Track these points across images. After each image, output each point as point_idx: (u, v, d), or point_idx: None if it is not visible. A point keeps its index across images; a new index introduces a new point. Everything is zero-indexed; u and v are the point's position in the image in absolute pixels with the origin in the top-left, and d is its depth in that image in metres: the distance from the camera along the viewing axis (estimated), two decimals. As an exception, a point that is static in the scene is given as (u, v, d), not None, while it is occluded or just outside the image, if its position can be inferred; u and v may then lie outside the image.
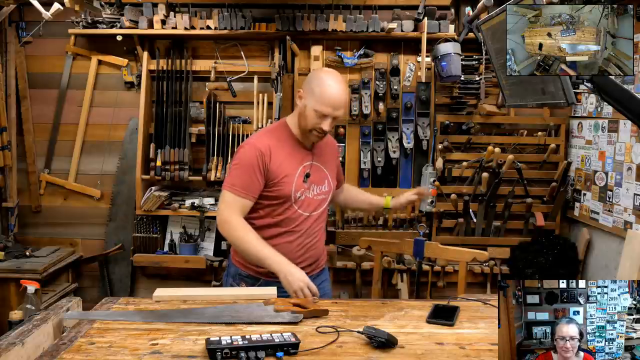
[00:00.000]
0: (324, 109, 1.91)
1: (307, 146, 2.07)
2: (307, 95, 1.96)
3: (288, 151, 2.01)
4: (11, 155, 3.55)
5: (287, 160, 1.99)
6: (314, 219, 2.09)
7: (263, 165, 1.95)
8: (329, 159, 2.17)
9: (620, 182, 2.93)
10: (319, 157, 2.10)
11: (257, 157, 1.94)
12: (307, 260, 2.09)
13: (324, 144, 2.14)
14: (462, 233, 3.51)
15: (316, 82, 1.95)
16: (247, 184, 1.94)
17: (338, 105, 1.93)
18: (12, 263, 3.22)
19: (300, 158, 2.04)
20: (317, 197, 2.08)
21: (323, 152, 2.13)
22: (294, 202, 2.00)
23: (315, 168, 2.08)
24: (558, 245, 3.30)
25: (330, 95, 1.91)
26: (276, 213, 2.01)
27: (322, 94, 1.91)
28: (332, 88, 1.92)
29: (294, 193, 1.99)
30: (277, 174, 1.97)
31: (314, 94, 1.93)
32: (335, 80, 1.95)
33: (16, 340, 1.33)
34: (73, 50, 3.60)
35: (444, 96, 3.54)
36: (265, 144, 1.98)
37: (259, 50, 3.57)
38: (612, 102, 1.41)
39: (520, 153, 3.50)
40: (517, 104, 1.78)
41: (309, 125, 1.96)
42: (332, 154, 2.21)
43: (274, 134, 2.05)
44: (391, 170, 3.58)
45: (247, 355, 1.32)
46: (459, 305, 1.75)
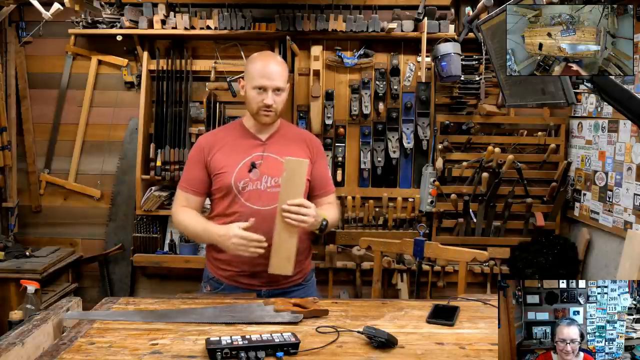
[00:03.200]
0: (260, 81, 1.93)
1: (260, 138, 2.03)
2: (245, 81, 2.00)
3: (234, 143, 2.02)
4: (11, 155, 3.55)
5: (230, 151, 2.00)
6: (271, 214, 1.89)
7: (203, 159, 1.99)
8: (293, 153, 1.95)
9: (620, 182, 2.93)
10: (275, 147, 2.01)
11: (198, 152, 2.01)
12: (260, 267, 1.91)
13: (290, 137, 2.07)
14: (462, 233, 3.51)
15: (249, 65, 2.00)
16: (188, 177, 2.02)
17: (273, 74, 1.94)
18: (12, 263, 3.21)
19: (248, 149, 2.00)
20: (272, 189, 1.96)
21: (284, 143, 2.03)
22: (237, 193, 1.95)
23: (268, 159, 1.99)
24: (558, 245, 3.30)
25: (262, 67, 1.95)
26: (225, 207, 1.98)
27: (255, 68, 1.96)
28: (263, 60, 1.98)
29: (234, 183, 1.95)
30: (218, 165, 1.98)
31: (249, 74, 1.98)
32: (265, 54, 2.05)
33: (16, 340, 1.33)
34: (73, 50, 3.60)
35: (444, 96, 3.54)
36: (210, 137, 2.06)
37: (259, 50, 3.56)
38: (612, 102, 1.41)
39: (520, 153, 3.50)
40: (517, 104, 1.78)
41: (253, 105, 1.96)
42: (301, 148, 2.06)
43: (225, 129, 2.12)
44: (391, 170, 3.58)
45: (247, 355, 1.32)
46: (459, 305, 1.75)
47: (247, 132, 2.05)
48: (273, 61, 1.99)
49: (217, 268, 2.03)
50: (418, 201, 3.54)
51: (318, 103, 3.48)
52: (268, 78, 1.94)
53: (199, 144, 2.03)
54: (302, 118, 3.54)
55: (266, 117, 1.97)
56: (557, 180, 3.42)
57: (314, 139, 2.15)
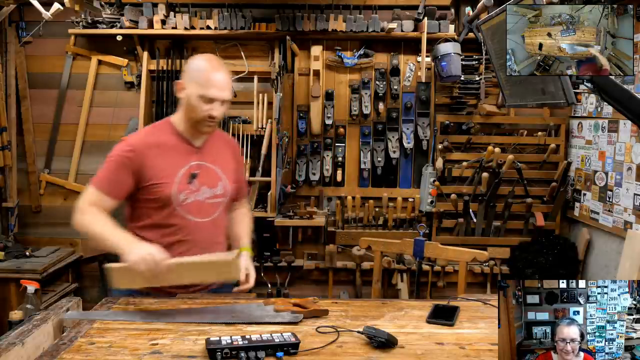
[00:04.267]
0: (210, 92, 1.80)
1: (194, 144, 1.91)
2: (188, 85, 1.84)
3: (169, 150, 1.87)
4: (11, 155, 3.55)
5: (167, 160, 1.86)
6: (210, 226, 1.91)
7: (133, 165, 1.82)
8: (225, 160, 1.99)
9: (620, 182, 2.92)
10: (210, 156, 1.94)
11: (127, 156, 1.83)
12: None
13: (219, 144, 2.01)
14: (462, 233, 3.51)
15: (196, 68, 1.85)
16: (111, 181, 1.83)
17: (223, 86, 1.83)
18: (12, 263, 3.21)
19: (185, 157, 1.88)
20: (209, 200, 1.91)
21: (217, 151, 1.97)
22: (177, 205, 1.84)
23: (205, 168, 1.91)
24: (558, 245, 3.30)
25: (213, 77, 1.82)
26: (161, 218, 1.85)
27: (204, 77, 1.81)
28: (214, 70, 1.83)
29: (175, 195, 1.83)
30: (154, 175, 1.83)
31: (195, 80, 1.82)
32: (215, 63, 1.88)
33: (16, 340, 1.33)
34: (73, 50, 3.60)
35: (444, 96, 3.54)
36: (141, 141, 1.87)
37: (259, 50, 3.57)
38: (612, 102, 1.41)
39: (520, 153, 3.50)
40: (517, 104, 1.78)
41: (199, 114, 1.82)
42: (229, 155, 2.04)
43: (156, 133, 1.91)
44: (391, 170, 3.58)
45: (247, 355, 1.32)
46: (459, 305, 1.75)
47: (181, 137, 1.90)
48: (223, 70, 1.86)
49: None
50: (418, 201, 3.54)
51: (318, 103, 3.48)
52: (219, 89, 1.82)
53: (130, 148, 1.84)
54: (302, 118, 3.54)
55: (208, 128, 1.87)
56: (557, 180, 3.42)
57: (236, 145, 2.14)
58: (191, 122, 1.87)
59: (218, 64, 1.88)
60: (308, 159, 3.57)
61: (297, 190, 3.59)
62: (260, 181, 3.52)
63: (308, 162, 3.56)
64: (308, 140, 3.57)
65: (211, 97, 1.81)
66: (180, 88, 1.87)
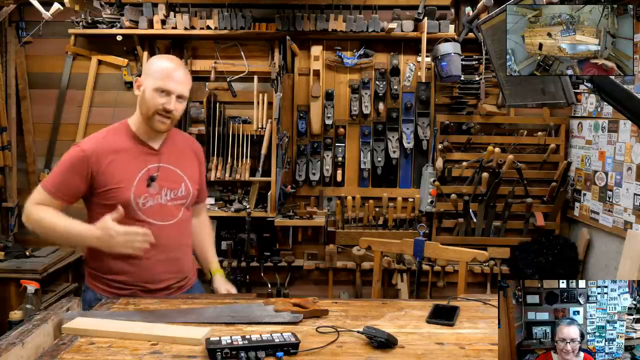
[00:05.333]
0: (164, 83, 1.76)
1: (152, 146, 1.87)
2: (145, 80, 1.81)
3: (126, 153, 1.82)
4: (11, 155, 3.56)
5: (124, 163, 1.80)
6: (174, 228, 1.89)
7: (86, 170, 1.77)
8: (187, 162, 1.96)
9: (620, 182, 2.92)
10: (170, 157, 1.90)
11: (80, 160, 1.77)
12: (173, 278, 1.91)
13: (180, 144, 1.97)
14: (462, 233, 3.51)
15: (153, 64, 1.83)
16: (60, 184, 1.79)
17: (179, 79, 1.79)
18: (12, 263, 3.21)
19: (143, 160, 1.83)
20: (172, 202, 1.87)
21: (177, 153, 1.93)
22: (137, 209, 1.80)
23: (165, 170, 1.87)
24: (558, 245, 3.30)
25: (168, 70, 1.78)
26: (123, 223, 1.75)
27: (160, 70, 1.79)
28: (171, 63, 1.81)
29: (134, 199, 1.79)
30: (110, 179, 1.78)
31: (152, 74, 1.80)
32: (173, 58, 1.87)
33: (16, 340, 1.33)
34: (73, 50, 3.60)
35: (444, 96, 3.54)
36: (95, 146, 1.80)
37: (259, 50, 3.57)
38: (612, 102, 1.40)
39: (520, 153, 3.50)
40: (517, 104, 1.78)
41: (151, 107, 1.78)
42: (191, 156, 2.00)
43: (111, 135, 1.86)
44: (391, 170, 3.58)
45: (247, 355, 1.32)
46: (459, 305, 1.75)
47: (137, 140, 1.86)
48: (182, 67, 1.84)
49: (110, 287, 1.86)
50: (418, 201, 3.54)
51: (318, 103, 3.48)
52: (174, 81, 1.78)
53: (83, 151, 1.78)
54: (302, 118, 3.54)
55: (162, 124, 1.81)
56: (557, 180, 3.42)
57: (199, 147, 2.08)
58: (145, 119, 1.82)
59: (177, 61, 1.85)
60: (308, 159, 3.57)
61: (297, 190, 3.59)
62: (260, 181, 3.53)
63: (308, 162, 3.56)
64: (308, 140, 3.57)
65: (166, 89, 1.77)
66: (138, 84, 1.84)
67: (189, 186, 1.93)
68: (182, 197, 1.91)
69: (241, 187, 3.60)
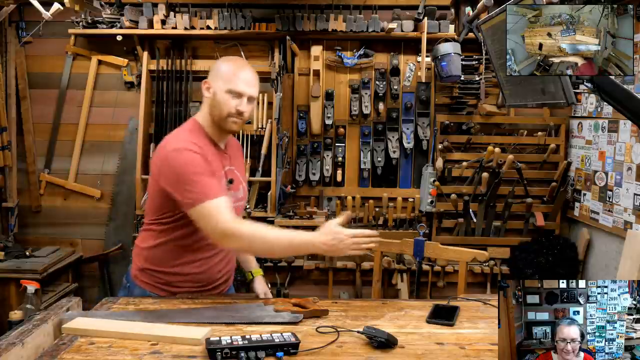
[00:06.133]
0: (237, 86, 1.78)
1: (221, 147, 1.87)
2: (215, 82, 1.81)
3: (210, 154, 1.79)
4: (11, 155, 3.55)
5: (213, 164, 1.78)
6: None
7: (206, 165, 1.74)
8: (240, 163, 2.01)
9: (620, 182, 2.92)
10: (232, 159, 1.92)
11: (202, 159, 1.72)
12: (225, 275, 1.94)
13: (234, 146, 1.99)
14: (462, 233, 3.51)
15: (222, 67, 1.84)
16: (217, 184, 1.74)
17: (250, 81, 1.81)
18: (12, 263, 3.21)
19: (220, 161, 1.84)
20: (236, 204, 1.87)
21: (234, 154, 1.96)
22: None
23: (231, 172, 1.89)
24: (558, 245, 3.30)
25: (241, 72, 1.80)
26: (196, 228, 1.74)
27: (232, 72, 1.80)
28: (240, 66, 1.83)
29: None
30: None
31: (222, 77, 1.80)
32: (241, 61, 1.90)
33: (16, 340, 1.33)
34: (73, 50, 3.60)
35: (444, 96, 3.54)
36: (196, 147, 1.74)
37: (259, 50, 3.57)
38: (612, 102, 1.41)
39: (520, 153, 3.50)
40: (517, 104, 1.78)
41: (225, 110, 1.78)
42: (241, 158, 2.05)
43: (196, 136, 1.81)
44: (391, 170, 3.58)
45: (247, 355, 1.32)
46: (459, 305, 1.75)
47: (212, 141, 1.85)
48: (251, 69, 1.86)
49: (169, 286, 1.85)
50: (418, 201, 3.54)
51: (318, 103, 3.48)
52: (248, 85, 1.80)
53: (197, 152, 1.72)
54: (302, 118, 3.54)
55: (235, 125, 1.81)
56: (557, 180, 3.42)
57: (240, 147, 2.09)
58: (217, 120, 1.81)
59: (245, 63, 1.90)
60: (308, 159, 3.57)
61: (297, 190, 3.59)
62: (260, 181, 3.53)
63: (308, 162, 3.56)
64: (308, 140, 3.57)
65: (239, 91, 1.78)
66: (207, 87, 1.83)
67: (245, 187, 1.98)
68: (241, 198, 1.94)
69: (241, 187, 3.60)
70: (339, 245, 1.69)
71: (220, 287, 1.95)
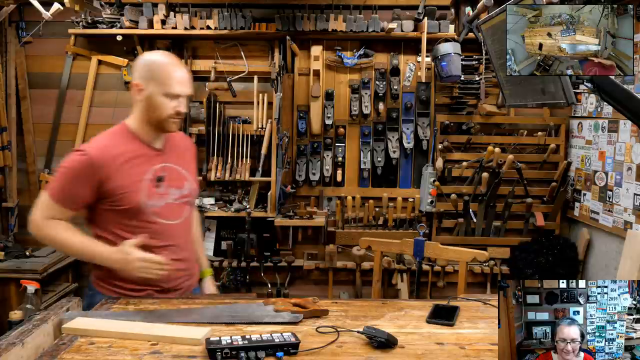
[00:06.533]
0: (174, 89, 1.76)
1: (155, 147, 1.86)
2: (148, 85, 1.77)
3: (132, 156, 1.79)
4: (11, 155, 3.56)
5: (131, 166, 1.78)
6: (183, 227, 1.90)
7: (94, 177, 1.73)
8: (187, 159, 1.98)
9: (620, 182, 2.92)
10: (172, 156, 1.90)
11: (87, 167, 1.72)
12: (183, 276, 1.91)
13: (176, 142, 1.97)
14: (462, 233, 3.51)
15: (153, 67, 1.78)
16: (67, 193, 1.75)
17: (185, 80, 1.80)
18: (12, 263, 3.22)
19: (148, 161, 1.82)
20: (179, 201, 1.88)
21: (177, 151, 1.94)
22: (148, 211, 1.79)
23: (169, 170, 1.87)
24: (558, 245, 3.30)
25: (174, 73, 1.77)
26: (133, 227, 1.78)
27: (166, 74, 1.76)
28: (172, 65, 1.79)
29: (144, 201, 1.78)
30: (120, 184, 1.75)
31: (156, 79, 1.76)
32: (172, 59, 1.83)
33: (16, 340, 1.33)
34: (73, 50, 3.60)
35: (444, 96, 3.54)
36: (100, 151, 1.75)
37: (259, 50, 3.57)
38: (612, 102, 1.40)
39: (520, 153, 3.50)
40: (517, 104, 1.78)
41: (164, 114, 1.77)
42: (188, 153, 2.02)
43: (114, 139, 1.81)
44: (391, 170, 3.58)
45: (247, 355, 1.32)
46: (459, 305, 1.75)
47: (140, 141, 1.83)
48: (182, 66, 1.84)
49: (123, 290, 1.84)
50: (418, 201, 3.54)
51: (318, 103, 3.48)
52: (183, 84, 1.79)
53: (89, 159, 1.72)
54: (302, 118, 3.54)
55: (174, 126, 1.82)
56: (557, 180, 3.42)
57: (192, 143, 2.10)
58: (154, 122, 1.81)
59: (176, 60, 1.83)
60: (308, 159, 3.57)
61: (297, 190, 3.59)
62: (260, 181, 3.53)
63: (308, 162, 3.56)
64: (308, 140, 3.57)
65: (176, 93, 1.77)
66: (138, 89, 1.79)
67: (192, 183, 1.95)
68: (187, 195, 1.92)
69: (241, 187, 3.61)
70: (127, 266, 1.73)
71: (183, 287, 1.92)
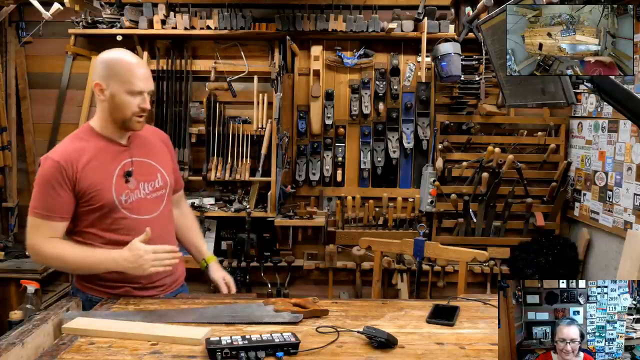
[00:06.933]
0: (137, 86, 1.74)
1: (121, 143, 1.84)
2: (110, 84, 1.75)
3: (97, 154, 1.78)
4: (11, 155, 3.56)
5: (98, 164, 1.77)
6: (159, 221, 1.87)
7: (67, 180, 1.72)
8: (158, 151, 1.95)
9: (620, 182, 2.92)
10: (141, 150, 1.88)
11: (57, 172, 1.72)
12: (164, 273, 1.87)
13: (147, 137, 1.95)
14: (462, 233, 3.51)
15: (113, 65, 1.76)
16: (49, 204, 1.73)
17: (147, 76, 1.78)
18: (12, 263, 3.22)
19: (115, 157, 1.81)
20: (152, 194, 1.87)
21: (147, 145, 1.92)
22: (122, 207, 1.78)
23: (139, 164, 1.85)
24: (558, 245, 3.30)
25: (136, 70, 1.75)
26: (107, 225, 1.78)
27: (127, 72, 1.74)
28: (134, 63, 1.77)
29: (116, 197, 1.77)
30: (90, 183, 1.74)
31: (118, 77, 1.74)
32: (132, 56, 1.80)
33: (16, 340, 1.33)
34: (73, 50, 3.59)
35: (444, 96, 3.54)
36: (66, 154, 1.75)
37: (259, 50, 3.57)
38: (612, 102, 1.40)
39: (520, 153, 3.50)
40: (517, 104, 1.78)
41: (129, 112, 1.76)
42: (160, 146, 1.98)
43: (77, 141, 1.81)
44: (391, 170, 3.58)
45: (247, 355, 1.32)
46: (459, 305, 1.75)
47: (105, 139, 1.82)
48: (141, 62, 1.83)
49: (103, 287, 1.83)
50: (418, 201, 3.54)
51: (318, 103, 3.48)
52: (145, 81, 1.77)
53: (56, 163, 1.73)
54: (302, 118, 3.54)
55: (139, 124, 1.80)
56: (557, 180, 3.42)
57: (164, 135, 2.06)
58: (119, 122, 1.79)
59: (133, 56, 1.81)
60: (308, 159, 3.57)
61: (297, 190, 3.59)
62: (260, 181, 3.53)
63: (308, 162, 3.56)
64: (308, 140, 3.57)
65: (139, 90, 1.76)
66: (100, 89, 1.77)
67: (165, 175, 1.92)
68: (160, 187, 1.90)
69: (241, 187, 3.61)
70: (139, 261, 1.72)
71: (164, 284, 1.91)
